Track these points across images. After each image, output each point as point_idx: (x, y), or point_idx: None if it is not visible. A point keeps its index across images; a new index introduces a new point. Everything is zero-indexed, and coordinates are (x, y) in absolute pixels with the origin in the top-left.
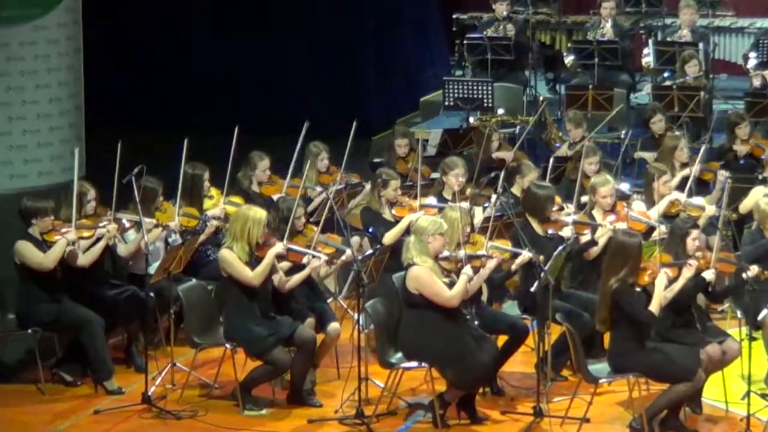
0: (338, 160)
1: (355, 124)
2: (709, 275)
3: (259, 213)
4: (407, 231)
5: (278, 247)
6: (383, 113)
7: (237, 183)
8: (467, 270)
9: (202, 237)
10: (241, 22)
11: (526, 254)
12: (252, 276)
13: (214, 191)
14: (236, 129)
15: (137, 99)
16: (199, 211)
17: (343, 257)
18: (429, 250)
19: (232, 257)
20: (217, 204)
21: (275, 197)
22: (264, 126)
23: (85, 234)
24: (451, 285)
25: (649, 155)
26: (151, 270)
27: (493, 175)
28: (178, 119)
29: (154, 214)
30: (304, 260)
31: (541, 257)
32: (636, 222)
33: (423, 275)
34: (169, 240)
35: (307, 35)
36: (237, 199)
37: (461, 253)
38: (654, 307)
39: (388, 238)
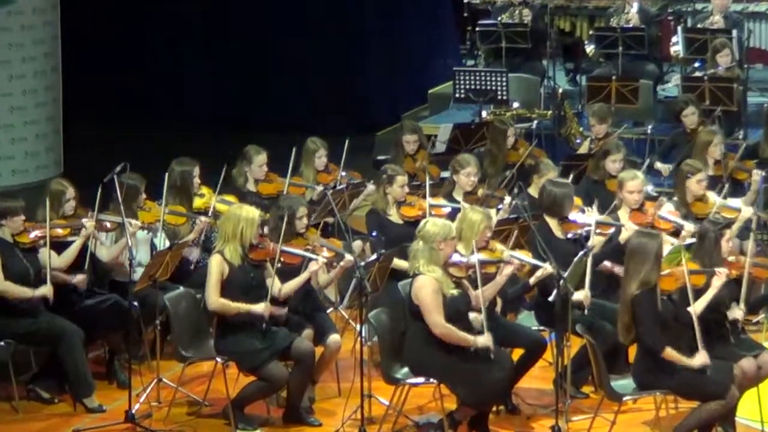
0: (338, 158)
1: (355, 119)
2: (735, 314)
3: (251, 212)
4: (413, 236)
5: (259, 306)
6: (388, 107)
7: (231, 180)
8: (483, 340)
9: (191, 236)
10: (237, 8)
11: (547, 268)
12: (213, 300)
13: (204, 189)
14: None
15: (122, 91)
16: (188, 209)
17: (343, 262)
18: (439, 257)
19: (213, 266)
20: (208, 203)
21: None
22: (259, 122)
23: (60, 232)
24: (462, 298)
25: (665, 167)
26: (136, 277)
27: (507, 174)
28: (166, 113)
29: (137, 214)
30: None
31: (564, 273)
32: (664, 222)
33: (425, 288)
34: (155, 241)
35: (306, 22)
36: (230, 198)
37: (474, 258)
38: (670, 354)
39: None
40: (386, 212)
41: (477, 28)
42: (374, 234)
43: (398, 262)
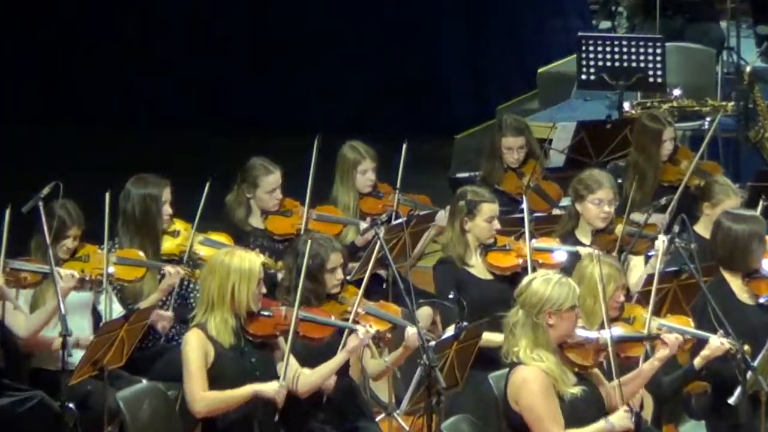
0: (391, 174)
1: (424, 114)
2: None
3: (249, 261)
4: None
5: (270, 386)
6: (473, 95)
7: (226, 211)
8: (620, 420)
9: (156, 296)
10: None
11: (720, 342)
12: (197, 397)
13: (180, 224)
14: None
15: (51, 84)
16: (154, 255)
17: (407, 341)
18: (549, 337)
19: (190, 348)
20: (184, 245)
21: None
22: (276, 123)
23: None
24: (589, 399)
25: None
26: (73, 362)
27: (663, 201)
28: (126, 109)
29: (61, 263)
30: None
31: (747, 347)
32: None
33: (530, 386)
34: (99, 307)
35: None
36: (219, 237)
37: (605, 334)
38: None
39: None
40: (465, 261)
41: None
42: (451, 295)
43: (490, 337)
